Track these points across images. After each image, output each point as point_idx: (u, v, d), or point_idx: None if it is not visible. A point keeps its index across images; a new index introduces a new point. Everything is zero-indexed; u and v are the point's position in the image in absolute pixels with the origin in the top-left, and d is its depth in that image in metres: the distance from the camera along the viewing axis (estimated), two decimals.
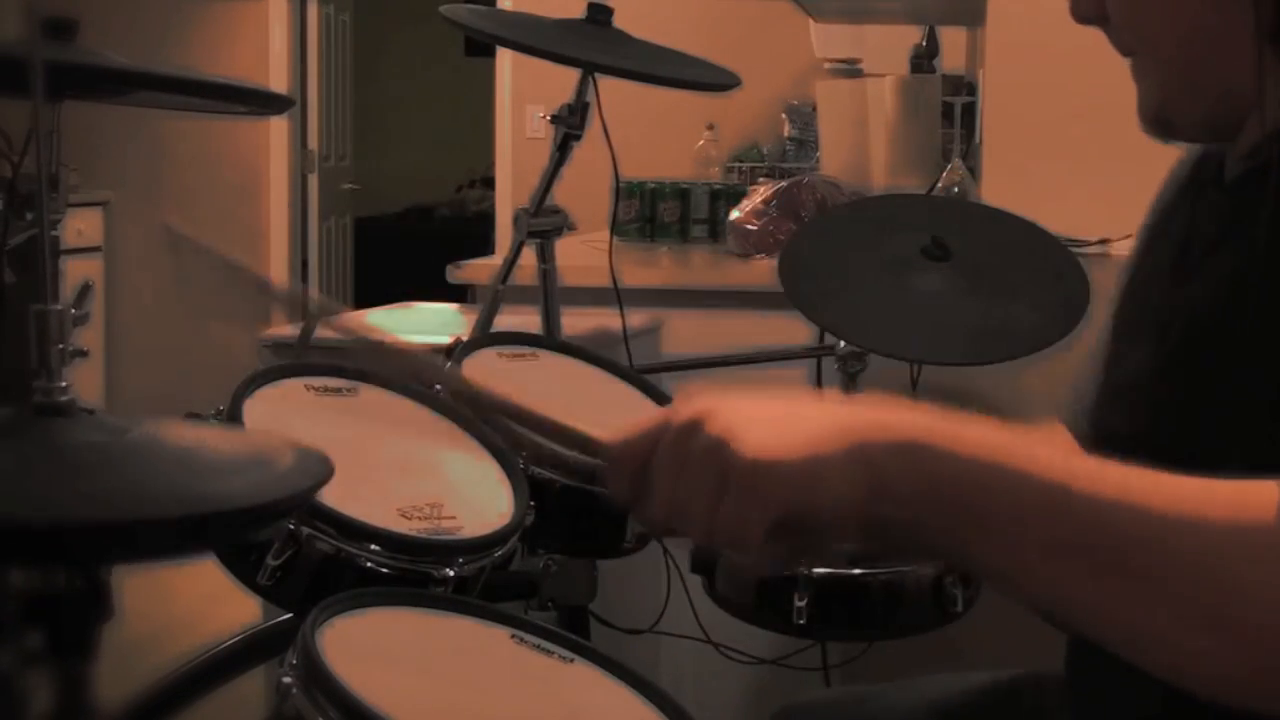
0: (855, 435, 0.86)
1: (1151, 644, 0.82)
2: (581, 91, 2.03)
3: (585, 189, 2.33)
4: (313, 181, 6.80)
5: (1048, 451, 0.85)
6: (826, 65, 4.83)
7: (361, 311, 2.81)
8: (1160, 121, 1.03)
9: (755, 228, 2.96)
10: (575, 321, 2.23)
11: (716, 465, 0.87)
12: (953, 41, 3.89)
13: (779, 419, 0.88)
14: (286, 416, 1.52)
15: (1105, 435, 1.09)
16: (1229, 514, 0.79)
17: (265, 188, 6.50)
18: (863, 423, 0.87)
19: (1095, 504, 0.81)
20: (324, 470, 0.99)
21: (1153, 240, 1.14)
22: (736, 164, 4.83)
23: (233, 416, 1.46)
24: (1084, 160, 2.51)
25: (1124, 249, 2.45)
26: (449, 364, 1.43)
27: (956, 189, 2.91)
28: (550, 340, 2.05)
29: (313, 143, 6.79)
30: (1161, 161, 1.17)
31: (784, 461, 0.85)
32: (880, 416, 0.87)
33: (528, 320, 2.11)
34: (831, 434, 0.86)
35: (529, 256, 2.08)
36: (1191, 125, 1.02)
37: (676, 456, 0.89)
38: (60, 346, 0.98)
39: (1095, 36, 1.06)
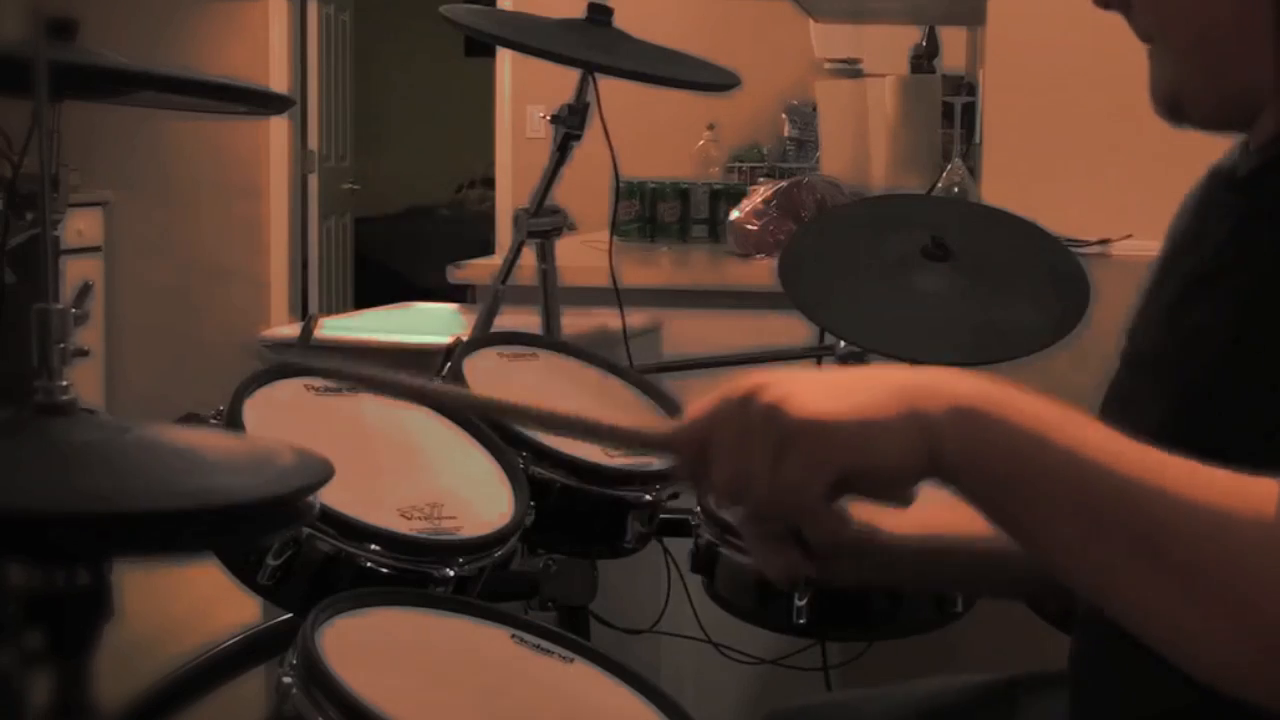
0: (911, 398, 0.87)
1: (1176, 631, 0.83)
2: (581, 91, 2.03)
3: (585, 189, 2.33)
4: (313, 181, 6.79)
5: (1094, 431, 0.86)
6: (826, 65, 4.83)
7: (362, 311, 2.81)
8: (1172, 106, 1.03)
9: (755, 228, 2.96)
10: (575, 321, 2.23)
11: (774, 429, 0.88)
12: (953, 41, 3.89)
13: (834, 384, 0.90)
14: (286, 417, 1.52)
15: None
16: (1251, 506, 0.81)
17: (265, 188, 6.50)
18: (919, 387, 0.88)
19: (1135, 488, 0.83)
20: (324, 471, 0.99)
21: (1169, 260, 1.13)
22: (736, 164, 4.83)
23: (233, 416, 1.46)
24: (1084, 160, 2.51)
25: (1124, 249, 2.46)
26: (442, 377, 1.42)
27: (956, 189, 2.91)
28: (550, 340, 2.05)
29: (313, 143, 6.79)
30: (1161, 161, 1.17)
31: (840, 422, 0.87)
32: (936, 380, 0.89)
33: (528, 320, 2.11)
34: (888, 397, 0.88)
35: (529, 256, 2.08)
36: (1203, 113, 1.02)
37: (735, 428, 0.90)
38: (61, 346, 0.99)
39: (1095, 36, 1.06)
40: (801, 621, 1.66)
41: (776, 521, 1.07)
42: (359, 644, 1.18)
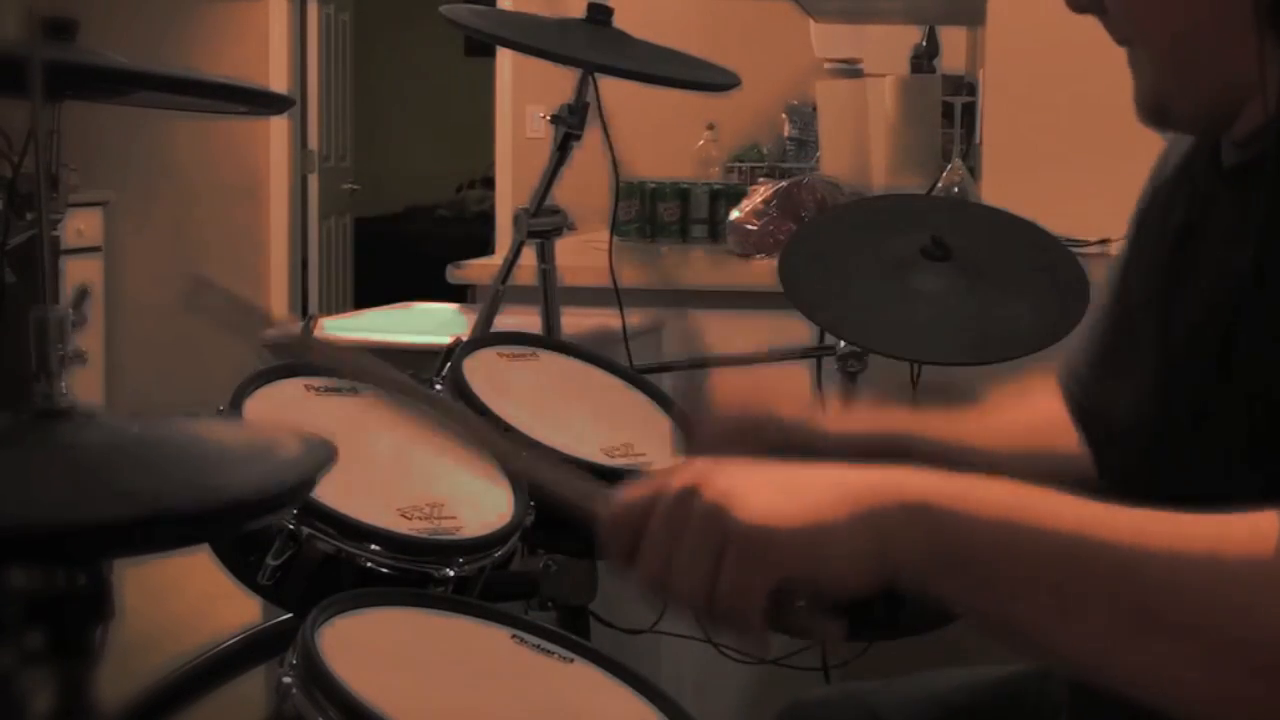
0: (861, 500, 0.83)
1: (1187, 688, 0.80)
2: (581, 91, 2.03)
3: (585, 189, 2.32)
4: (313, 181, 6.79)
5: (1065, 504, 0.83)
6: (826, 65, 4.83)
7: (360, 312, 2.81)
8: (1156, 111, 1.02)
9: (755, 228, 2.96)
10: (575, 321, 2.23)
11: (716, 530, 0.84)
12: (953, 41, 3.89)
13: (781, 484, 0.85)
14: (286, 416, 1.52)
15: (1108, 428, 1.09)
16: (1242, 548, 0.78)
17: (265, 188, 6.49)
18: (868, 487, 0.84)
19: (1119, 555, 0.80)
20: (328, 454, 0.99)
21: (1143, 230, 1.14)
22: (736, 164, 4.83)
23: (233, 417, 1.46)
24: (1084, 160, 2.50)
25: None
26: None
27: (956, 189, 2.91)
28: (550, 340, 2.05)
29: (313, 143, 6.79)
30: None
31: (787, 528, 0.83)
32: (886, 479, 0.85)
33: (528, 320, 2.11)
34: (836, 499, 0.84)
35: (529, 256, 2.08)
36: (1187, 115, 1.02)
37: (674, 521, 0.86)
38: (60, 349, 0.98)
39: (1094, 36, 1.06)
40: None
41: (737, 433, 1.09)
42: (359, 644, 1.18)
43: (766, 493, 0.84)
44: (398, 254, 7.15)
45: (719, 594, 0.84)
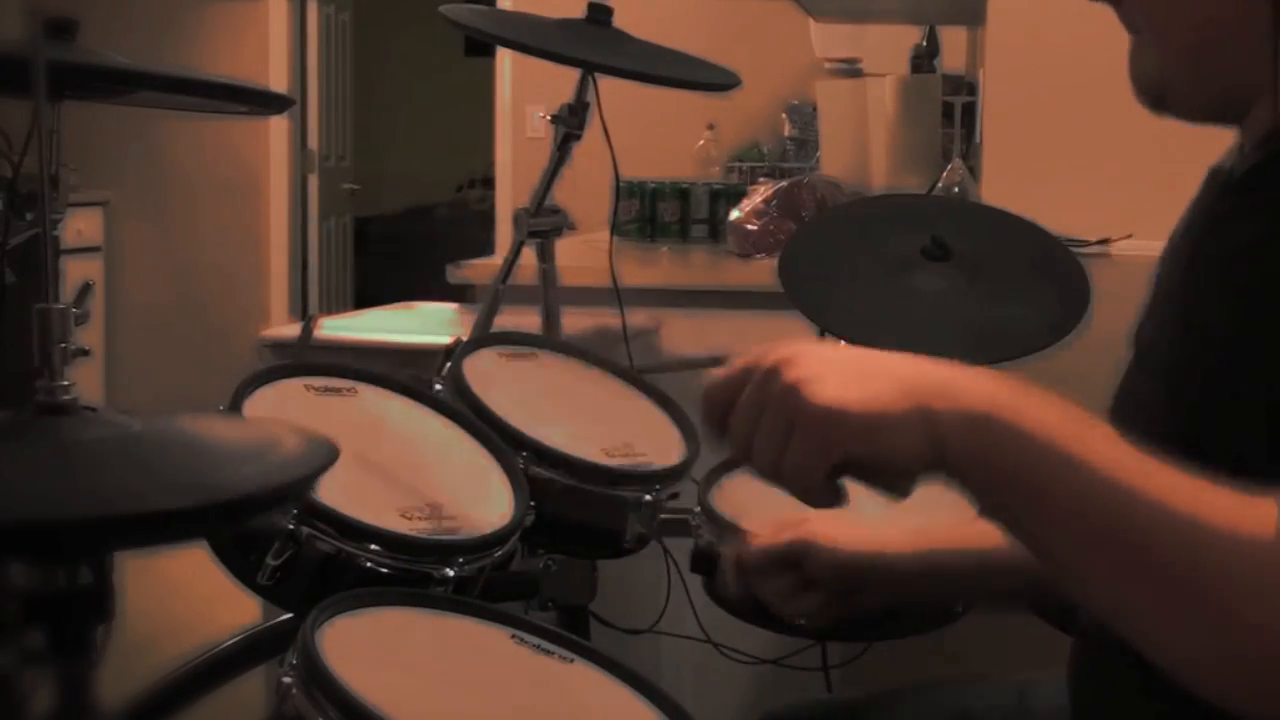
0: (923, 397, 0.89)
1: (1155, 630, 0.85)
2: (581, 91, 2.03)
3: (585, 189, 2.32)
4: (313, 181, 6.79)
5: (1099, 437, 0.87)
6: (826, 65, 4.83)
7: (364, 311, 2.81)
8: (1155, 96, 1.04)
9: (755, 228, 2.96)
10: (575, 321, 2.23)
11: (788, 410, 0.90)
12: (953, 41, 3.89)
13: (854, 371, 0.92)
14: (286, 417, 1.52)
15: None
16: (1254, 527, 0.81)
17: (265, 188, 6.50)
18: (932, 385, 0.90)
19: (1134, 499, 0.84)
20: (329, 451, 0.99)
21: (1170, 264, 1.13)
22: (736, 164, 4.83)
23: (233, 417, 1.46)
24: (1084, 160, 2.51)
25: (1124, 249, 2.46)
26: None
27: (956, 189, 2.91)
28: (550, 340, 2.05)
29: (313, 143, 6.79)
30: (1161, 161, 1.17)
31: (850, 413, 0.89)
32: (955, 380, 0.90)
33: (528, 320, 2.11)
34: (901, 392, 0.89)
35: (529, 256, 2.08)
36: (1189, 107, 1.03)
37: (756, 398, 0.93)
38: (62, 345, 0.98)
39: (1095, 36, 1.06)
40: (801, 621, 1.67)
41: (781, 563, 1.20)
42: (359, 644, 1.18)
43: (838, 378, 0.90)
44: (398, 254, 7.15)
45: (785, 467, 0.91)
